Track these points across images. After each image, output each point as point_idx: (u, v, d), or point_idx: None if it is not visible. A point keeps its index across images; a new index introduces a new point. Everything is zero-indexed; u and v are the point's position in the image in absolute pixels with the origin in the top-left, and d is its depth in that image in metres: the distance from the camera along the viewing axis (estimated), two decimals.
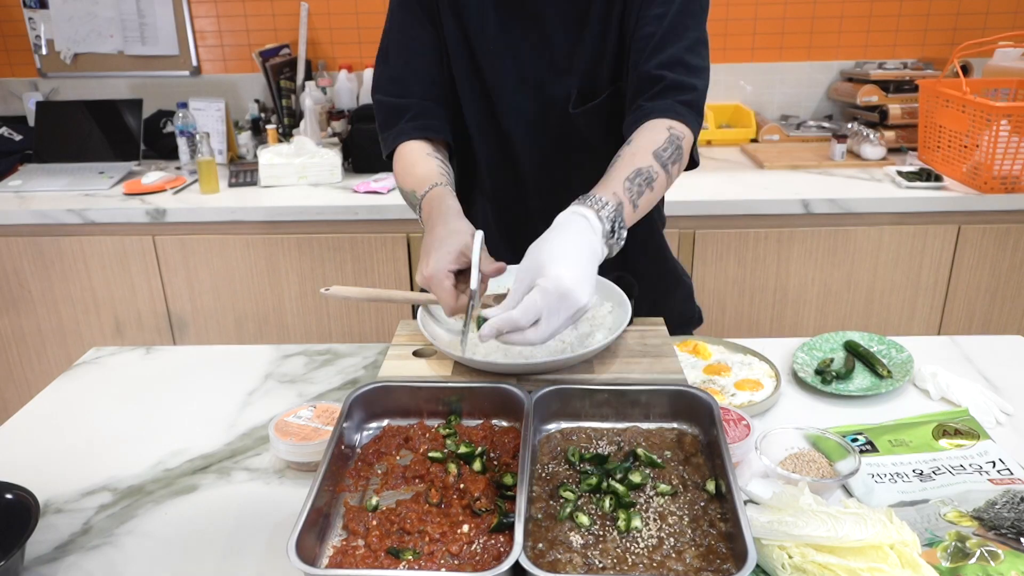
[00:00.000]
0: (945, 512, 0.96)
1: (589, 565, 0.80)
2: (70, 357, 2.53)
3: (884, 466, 1.09)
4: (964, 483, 1.03)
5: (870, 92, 2.68)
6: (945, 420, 1.19)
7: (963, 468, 1.07)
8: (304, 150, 2.51)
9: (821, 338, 1.48)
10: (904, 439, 1.14)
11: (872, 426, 1.19)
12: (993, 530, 0.92)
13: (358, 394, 1.04)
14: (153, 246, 2.39)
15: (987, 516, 0.95)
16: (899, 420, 1.20)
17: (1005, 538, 0.91)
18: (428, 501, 0.91)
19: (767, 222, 2.29)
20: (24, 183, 2.57)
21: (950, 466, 1.08)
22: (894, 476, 1.07)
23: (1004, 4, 2.82)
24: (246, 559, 0.98)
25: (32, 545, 1.01)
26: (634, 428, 1.02)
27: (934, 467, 1.08)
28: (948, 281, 2.35)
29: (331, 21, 2.93)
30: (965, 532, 0.92)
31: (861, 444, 1.14)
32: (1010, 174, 2.22)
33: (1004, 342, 1.50)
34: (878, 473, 1.08)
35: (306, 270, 2.40)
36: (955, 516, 0.95)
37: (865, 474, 1.07)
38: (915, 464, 1.09)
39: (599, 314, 1.18)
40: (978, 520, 0.94)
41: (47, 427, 1.31)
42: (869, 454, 1.11)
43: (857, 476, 1.03)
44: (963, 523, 0.94)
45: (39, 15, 2.96)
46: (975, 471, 1.06)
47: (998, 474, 1.05)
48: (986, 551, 0.89)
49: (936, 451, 1.12)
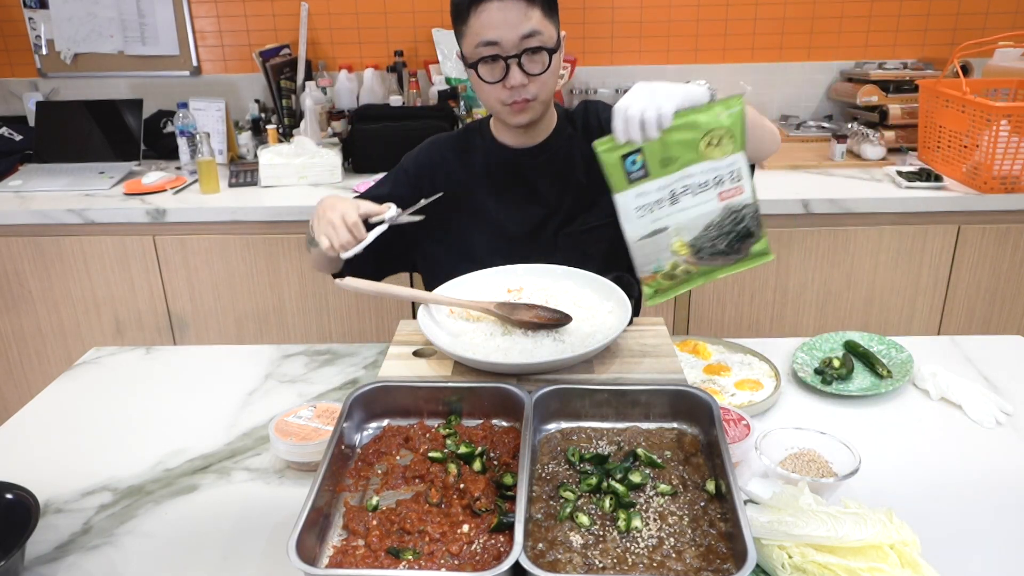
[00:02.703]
0: (672, 243, 1.15)
1: (589, 565, 0.80)
2: (70, 357, 2.53)
3: (650, 193, 1.19)
4: (696, 207, 1.17)
5: (870, 92, 2.68)
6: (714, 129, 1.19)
7: (706, 185, 1.18)
8: (304, 150, 2.51)
9: (821, 338, 1.48)
10: (673, 155, 1.20)
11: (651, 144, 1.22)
12: (698, 254, 1.15)
13: (358, 394, 1.04)
14: (153, 246, 2.39)
15: (698, 244, 1.15)
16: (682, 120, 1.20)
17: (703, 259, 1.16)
18: (428, 501, 0.91)
19: (767, 222, 2.27)
20: (24, 183, 2.57)
21: (697, 183, 1.19)
22: (654, 204, 1.18)
23: (1004, 4, 2.82)
24: (246, 559, 0.98)
25: (32, 545, 1.01)
26: (634, 428, 1.02)
27: (684, 186, 1.18)
28: (948, 281, 2.35)
29: (331, 21, 2.94)
30: (678, 261, 1.15)
31: (637, 169, 1.20)
32: (1010, 174, 2.22)
33: (1004, 342, 1.50)
34: (645, 204, 1.19)
35: (306, 270, 2.40)
36: (678, 246, 1.15)
37: (633, 208, 1.18)
38: (672, 185, 1.18)
39: (599, 314, 1.18)
40: (691, 247, 1.15)
41: (47, 427, 1.31)
42: (641, 181, 1.18)
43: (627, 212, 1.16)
44: (681, 252, 1.15)
45: (39, 15, 2.96)
46: (714, 186, 1.18)
47: (730, 185, 1.19)
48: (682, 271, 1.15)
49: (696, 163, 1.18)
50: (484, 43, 1.32)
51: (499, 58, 1.32)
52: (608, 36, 2.91)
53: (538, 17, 1.32)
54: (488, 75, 1.35)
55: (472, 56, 1.35)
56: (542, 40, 1.32)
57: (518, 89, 1.34)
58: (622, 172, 1.23)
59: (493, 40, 1.31)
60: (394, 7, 2.90)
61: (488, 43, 1.31)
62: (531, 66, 1.34)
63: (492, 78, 1.34)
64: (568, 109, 1.56)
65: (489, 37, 1.31)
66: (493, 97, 1.37)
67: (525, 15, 1.31)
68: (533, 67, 1.34)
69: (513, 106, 1.36)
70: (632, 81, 2.92)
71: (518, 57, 1.32)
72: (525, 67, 1.33)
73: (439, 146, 1.54)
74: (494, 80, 1.34)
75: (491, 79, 1.35)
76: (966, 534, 1.01)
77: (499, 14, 1.30)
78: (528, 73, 1.33)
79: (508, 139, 1.49)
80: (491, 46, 1.32)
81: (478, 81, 1.37)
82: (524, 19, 1.30)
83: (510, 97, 1.35)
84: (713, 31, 2.90)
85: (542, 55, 1.33)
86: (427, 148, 1.55)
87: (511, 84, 1.33)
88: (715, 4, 2.87)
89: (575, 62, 2.84)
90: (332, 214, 1.29)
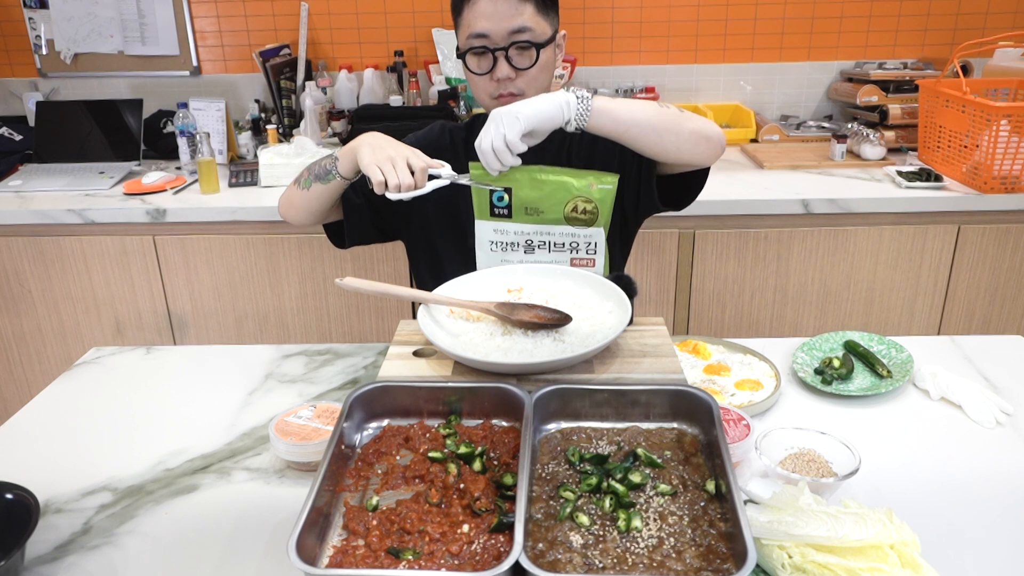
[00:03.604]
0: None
1: (589, 565, 0.80)
2: (70, 357, 2.53)
3: (507, 233, 1.31)
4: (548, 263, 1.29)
5: (870, 92, 2.68)
6: (581, 197, 1.28)
7: (562, 247, 1.30)
8: (304, 150, 2.51)
9: (821, 338, 1.48)
10: (539, 208, 1.28)
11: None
12: None
13: (358, 394, 1.04)
14: (153, 246, 2.39)
15: None
16: (556, 177, 1.29)
17: None
18: (428, 501, 0.91)
19: (767, 222, 2.29)
20: (24, 183, 2.57)
21: (554, 242, 1.30)
22: (509, 246, 1.30)
23: (1004, 4, 2.82)
24: (246, 559, 0.98)
25: (32, 545, 1.01)
26: (634, 428, 1.02)
27: (542, 240, 1.31)
28: (948, 281, 2.35)
29: (331, 21, 2.94)
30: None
31: (502, 206, 1.27)
32: (1010, 174, 2.22)
33: (1004, 342, 1.50)
34: (499, 241, 1.32)
35: (306, 270, 2.40)
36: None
37: (487, 240, 1.31)
38: (530, 235, 1.30)
39: (599, 314, 1.18)
40: None
41: (47, 427, 1.31)
42: (502, 219, 1.29)
43: (482, 240, 1.29)
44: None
45: (39, 15, 2.96)
46: (569, 249, 1.30)
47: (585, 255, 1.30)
48: None
49: (558, 224, 1.29)
50: (474, 35, 1.34)
51: (487, 50, 1.34)
52: (608, 36, 2.91)
53: (531, 13, 1.34)
54: (476, 66, 1.37)
55: (463, 47, 1.38)
56: (532, 36, 1.34)
57: (504, 82, 1.36)
58: (488, 203, 1.34)
59: (482, 32, 1.33)
60: (394, 7, 2.90)
61: (478, 35, 1.34)
62: (519, 60, 1.35)
63: (479, 69, 1.37)
64: None
65: (479, 29, 1.33)
66: (482, 89, 1.39)
67: (517, 10, 1.32)
68: (521, 61, 1.35)
69: (500, 99, 1.37)
70: (632, 81, 2.94)
71: (505, 50, 1.34)
72: (512, 61, 1.35)
73: (448, 131, 1.54)
74: (481, 72, 1.37)
75: (478, 71, 1.37)
76: (966, 534, 1.01)
77: (490, 6, 1.32)
78: (515, 67, 1.35)
79: None
80: (480, 38, 1.34)
81: (468, 72, 1.39)
82: (515, 14, 1.32)
83: (497, 90, 1.37)
84: (713, 31, 2.90)
85: (530, 50, 1.35)
86: (437, 130, 1.55)
87: (497, 76, 1.35)
88: (715, 4, 2.87)
89: (575, 62, 2.84)
90: (393, 151, 1.27)
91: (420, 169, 1.26)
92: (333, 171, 1.38)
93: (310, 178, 1.42)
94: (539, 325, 1.13)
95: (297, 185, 1.44)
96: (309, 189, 1.42)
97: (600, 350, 1.08)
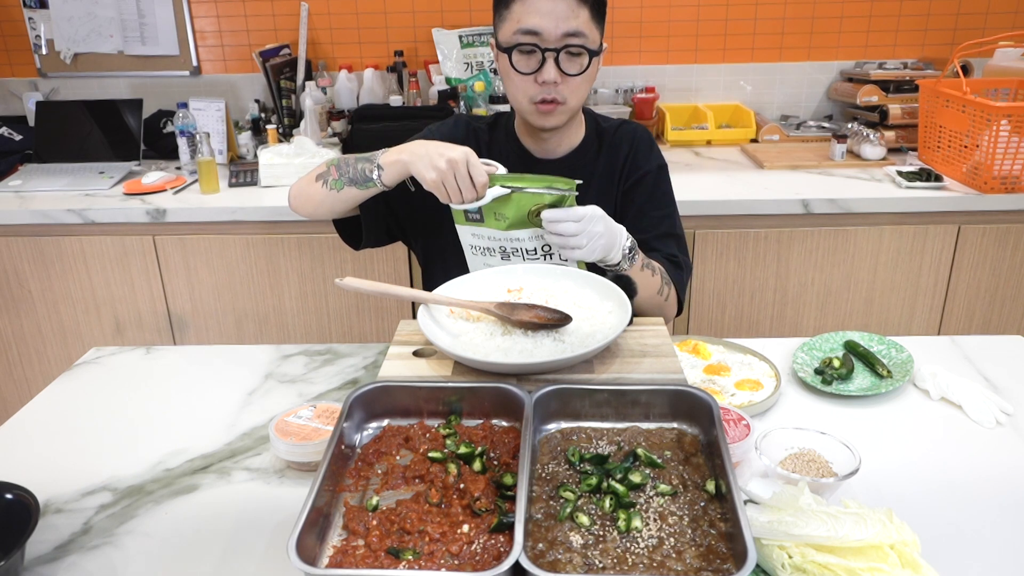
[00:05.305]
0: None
1: (589, 565, 0.80)
2: (70, 357, 2.53)
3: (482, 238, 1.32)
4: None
5: (870, 92, 2.68)
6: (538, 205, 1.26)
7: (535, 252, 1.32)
8: (304, 150, 2.51)
9: (821, 338, 1.48)
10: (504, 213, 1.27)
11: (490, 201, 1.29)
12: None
13: (358, 394, 1.04)
14: (153, 246, 2.39)
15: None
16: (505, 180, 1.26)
17: None
18: (428, 501, 0.91)
19: (767, 222, 2.29)
20: (24, 183, 2.57)
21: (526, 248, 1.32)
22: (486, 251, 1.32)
23: (1004, 4, 2.82)
24: (246, 559, 0.98)
25: (32, 545, 1.01)
26: (634, 428, 1.02)
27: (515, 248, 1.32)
28: (948, 281, 2.35)
29: (331, 21, 2.94)
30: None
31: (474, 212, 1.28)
32: (1010, 174, 2.22)
33: (1004, 342, 1.50)
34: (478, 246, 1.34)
35: (306, 270, 2.40)
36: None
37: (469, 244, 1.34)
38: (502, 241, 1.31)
39: (599, 314, 1.18)
40: None
41: (47, 427, 1.31)
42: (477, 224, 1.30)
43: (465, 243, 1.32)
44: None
45: (39, 15, 2.96)
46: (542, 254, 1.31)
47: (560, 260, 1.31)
48: None
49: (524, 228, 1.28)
50: (525, 31, 1.27)
51: (537, 49, 1.27)
52: (608, 36, 2.90)
53: (586, 18, 1.28)
54: (522, 65, 1.30)
55: (508, 42, 1.29)
56: (585, 42, 1.28)
57: (549, 86, 1.29)
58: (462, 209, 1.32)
59: (535, 29, 1.26)
60: (394, 7, 2.90)
61: (529, 31, 1.27)
62: (568, 65, 1.29)
63: (526, 68, 1.30)
64: (601, 122, 1.51)
65: (531, 25, 1.26)
66: (521, 91, 1.32)
67: (574, 12, 1.26)
68: (570, 66, 1.29)
69: (540, 106, 1.32)
70: (632, 81, 2.94)
71: (557, 52, 1.27)
72: (562, 65, 1.28)
73: (472, 128, 1.49)
74: (527, 71, 1.30)
75: (524, 69, 1.30)
76: (966, 534, 1.01)
77: (547, 4, 1.25)
78: (564, 72, 1.29)
79: (530, 144, 1.45)
80: (531, 35, 1.27)
81: (509, 70, 1.31)
82: (572, 16, 1.26)
83: (539, 94, 1.31)
84: (713, 31, 2.90)
85: (582, 56, 1.29)
86: (463, 124, 1.50)
87: (543, 79, 1.28)
88: (715, 4, 2.87)
89: None
90: (454, 153, 1.21)
91: (481, 185, 1.22)
92: (375, 179, 1.30)
93: (341, 180, 1.34)
94: (539, 325, 1.13)
95: (322, 183, 1.36)
96: (340, 191, 1.35)
97: (600, 350, 1.08)
